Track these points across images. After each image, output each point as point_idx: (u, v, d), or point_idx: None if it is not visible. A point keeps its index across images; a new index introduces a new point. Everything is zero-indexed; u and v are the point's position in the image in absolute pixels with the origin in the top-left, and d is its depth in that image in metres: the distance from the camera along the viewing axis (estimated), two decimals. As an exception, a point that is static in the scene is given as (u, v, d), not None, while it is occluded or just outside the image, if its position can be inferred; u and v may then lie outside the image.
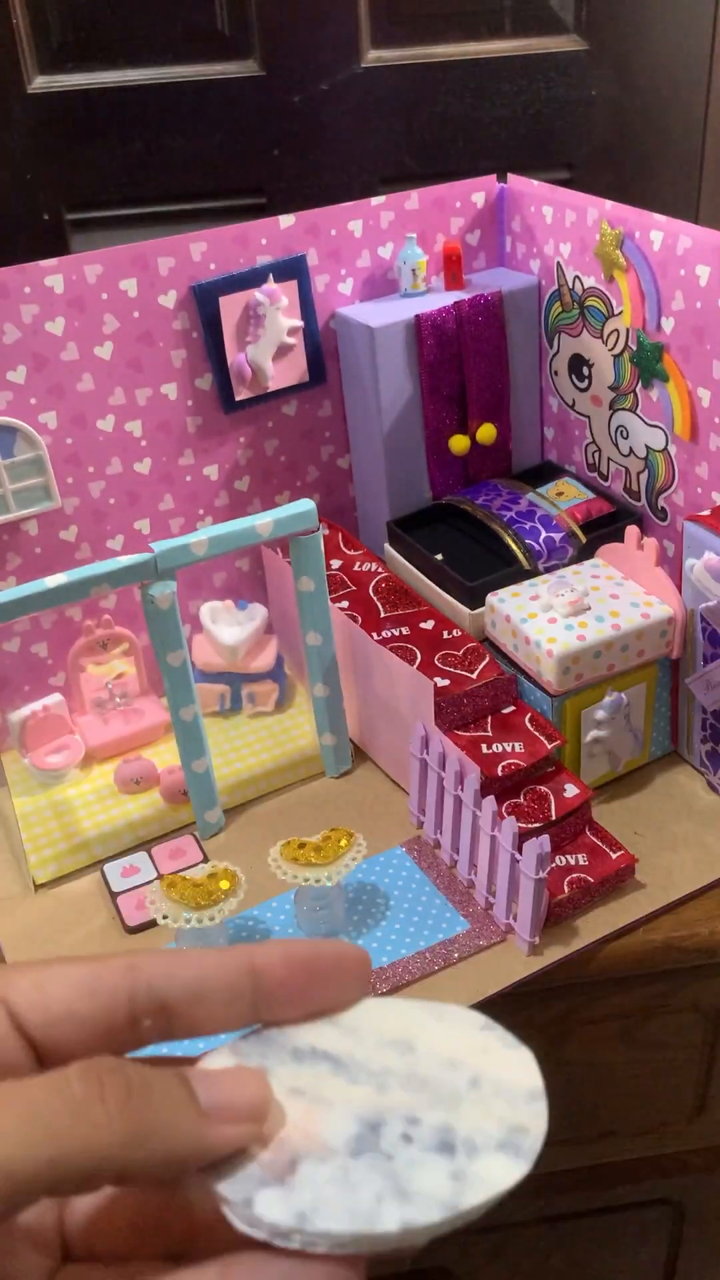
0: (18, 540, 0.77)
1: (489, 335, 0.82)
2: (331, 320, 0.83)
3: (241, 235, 0.77)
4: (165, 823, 0.75)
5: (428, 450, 0.85)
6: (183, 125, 1.12)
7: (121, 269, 0.73)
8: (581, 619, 0.70)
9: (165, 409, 0.79)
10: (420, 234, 0.83)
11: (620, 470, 0.81)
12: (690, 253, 0.68)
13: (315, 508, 0.70)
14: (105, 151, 1.12)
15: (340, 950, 0.29)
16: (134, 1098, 0.24)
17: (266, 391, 0.81)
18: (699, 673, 0.71)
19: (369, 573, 0.80)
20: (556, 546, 0.79)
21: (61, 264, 0.71)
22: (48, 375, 0.74)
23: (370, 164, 1.17)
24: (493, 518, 0.81)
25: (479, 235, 0.86)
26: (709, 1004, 0.71)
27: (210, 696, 0.83)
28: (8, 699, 0.81)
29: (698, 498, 0.73)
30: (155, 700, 0.83)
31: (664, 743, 0.77)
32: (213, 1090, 0.26)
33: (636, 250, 0.72)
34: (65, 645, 0.81)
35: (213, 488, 0.83)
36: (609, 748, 0.73)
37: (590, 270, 0.77)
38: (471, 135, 1.18)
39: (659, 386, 0.74)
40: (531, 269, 0.84)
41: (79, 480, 0.77)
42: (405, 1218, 0.24)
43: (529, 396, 0.87)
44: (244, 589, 0.88)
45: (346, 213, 0.80)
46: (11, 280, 0.70)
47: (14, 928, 0.69)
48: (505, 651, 0.74)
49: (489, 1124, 0.26)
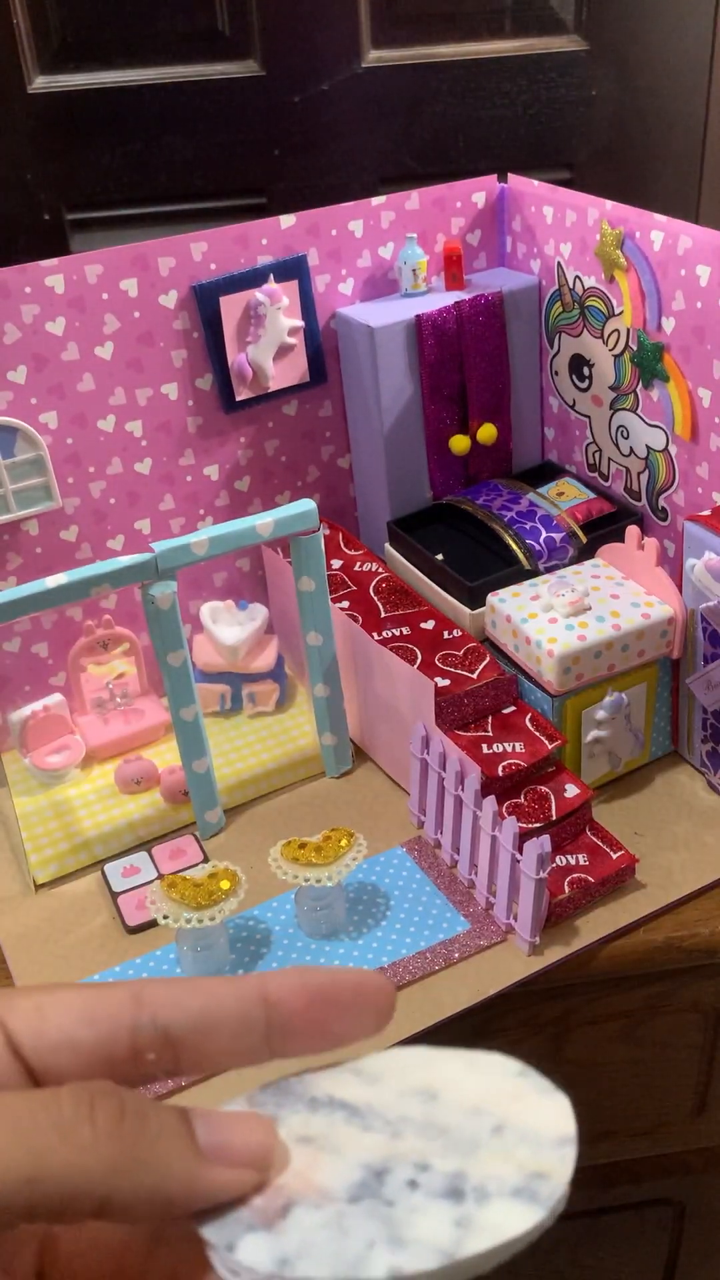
0: (18, 540, 0.77)
1: (489, 335, 0.82)
2: (332, 320, 0.83)
3: (242, 235, 0.77)
4: (166, 823, 0.75)
5: (428, 450, 0.85)
6: (183, 125, 1.12)
7: (122, 269, 0.73)
8: (582, 619, 0.70)
9: (166, 409, 0.79)
10: (421, 234, 0.83)
11: (621, 470, 0.81)
12: (691, 253, 0.68)
13: (316, 508, 0.70)
14: (106, 151, 1.12)
15: (361, 980, 0.27)
16: (126, 1124, 0.23)
17: (267, 391, 0.81)
18: (699, 673, 0.71)
19: (369, 573, 0.80)
20: (557, 546, 0.79)
21: (62, 264, 0.71)
22: (48, 375, 0.74)
23: (370, 164, 1.17)
24: (493, 518, 0.81)
25: (479, 235, 0.86)
26: (709, 1004, 0.71)
27: (211, 696, 0.83)
28: (8, 699, 0.81)
29: (698, 498, 0.73)
30: (156, 700, 0.83)
31: (664, 743, 0.77)
32: (213, 1130, 0.24)
33: (637, 250, 0.72)
34: (66, 645, 0.81)
35: (213, 488, 0.83)
36: (609, 748, 0.73)
37: (591, 270, 0.77)
38: (472, 135, 1.18)
39: (659, 386, 0.74)
40: (532, 269, 0.84)
41: (79, 480, 0.77)
42: (395, 1264, 0.23)
43: (529, 396, 0.87)
44: (244, 589, 0.88)
45: (347, 213, 0.80)
46: (12, 280, 0.70)
47: (14, 928, 0.69)
48: (506, 651, 0.74)
49: (507, 1170, 0.24)
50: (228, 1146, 0.24)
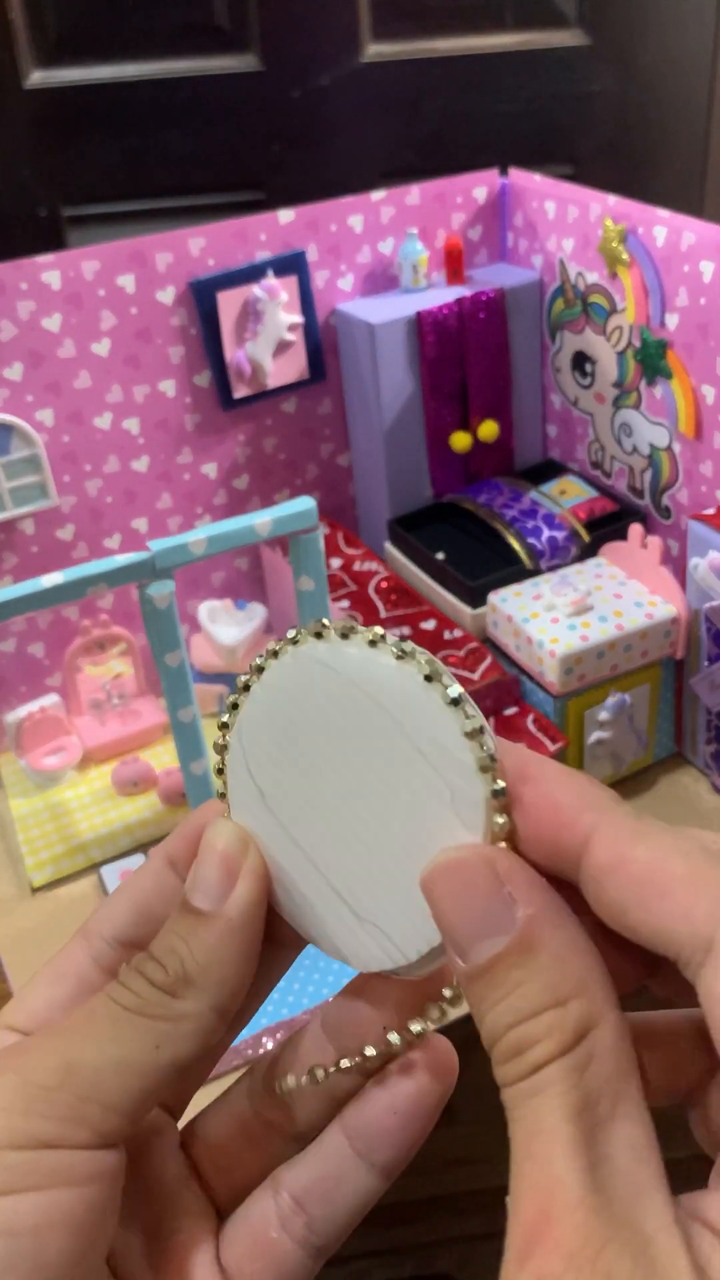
0: (14, 539, 0.76)
1: (491, 332, 0.81)
2: (331, 316, 0.82)
3: (240, 230, 0.76)
4: (163, 825, 0.74)
5: (429, 448, 0.84)
6: (181, 120, 1.11)
7: (119, 265, 0.73)
8: (584, 619, 0.69)
9: (163, 406, 0.78)
10: (421, 229, 0.82)
11: (624, 468, 0.80)
12: (694, 248, 0.67)
13: (315, 506, 0.69)
14: (103, 147, 1.11)
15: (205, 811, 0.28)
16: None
17: (266, 389, 0.80)
18: (703, 673, 0.70)
19: (369, 572, 0.80)
20: (559, 545, 0.78)
21: (58, 260, 0.71)
22: (44, 372, 0.73)
23: (371, 159, 1.16)
24: (495, 516, 0.80)
25: (481, 230, 0.85)
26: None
27: (209, 697, 0.82)
28: (4, 699, 0.80)
29: (702, 496, 0.73)
30: (153, 701, 0.82)
31: (668, 744, 0.76)
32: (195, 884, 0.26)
33: (640, 246, 0.71)
34: (62, 645, 0.81)
35: (211, 486, 0.83)
36: (612, 749, 0.72)
37: (593, 266, 0.76)
38: (473, 130, 1.17)
39: (663, 383, 0.73)
40: (534, 265, 0.83)
41: (76, 478, 0.77)
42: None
43: (531, 394, 0.86)
44: (243, 588, 0.87)
45: (347, 208, 0.79)
46: (8, 276, 0.69)
47: (10, 931, 0.68)
48: (507, 652, 0.73)
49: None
50: (207, 880, 0.26)
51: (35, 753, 0.78)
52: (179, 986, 0.25)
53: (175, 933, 0.26)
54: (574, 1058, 0.21)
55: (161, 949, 0.25)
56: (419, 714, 0.24)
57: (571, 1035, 0.21)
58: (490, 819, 0.24)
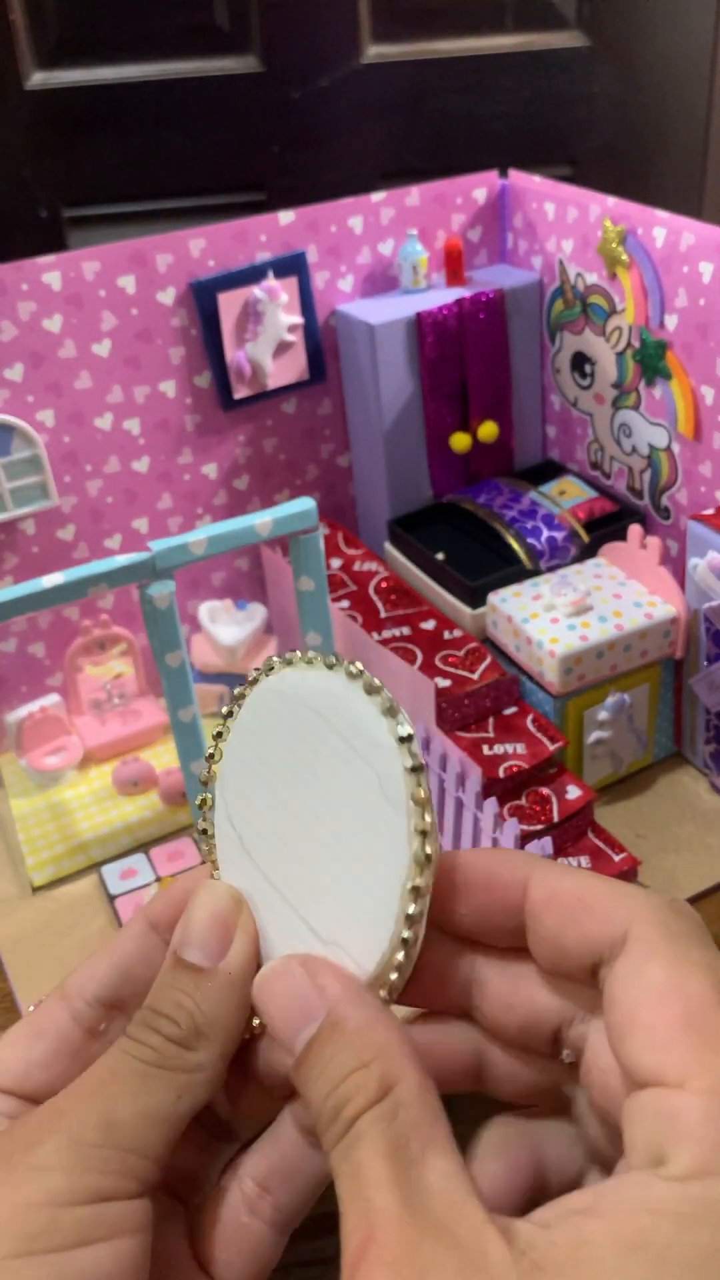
0: (14, 539, 0.76)
1: (490, 332, 0.82)
2: (331, 317, 0.82)
3: (241, 232, 0.76)
4: (164, 825, 0.74)
5: (429, 448, 0.84)
6: (182, 121, 1.12)
7: (120, 266, 0.73)
8: (584, 619, 0.69)
9: (164, 407, 0.78)
10: (421, 230, 0.82)
11: (623, 469, 0.80)
12: (693, 249, 0.67)
13: (315, 506, 0.69)
14: (103, 148, 1.12)
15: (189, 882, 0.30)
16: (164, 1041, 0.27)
17: (266, 389, 0.80)
18: (703, 673, 0.70)
19: (369, 572, 0.80)
20: (559, 546, 0.78)
21: (59, 260, 0.71)
22: (45, 373, 0.73)
23: (371, 160, 1.16)
24: (494, 517, 0.80)
25: (480, 231, 0.85)
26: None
27: (209, 697, 0.82)
28: (4, 699, 0.80)
29: (701, 496, 0.73)
30: (153, 701, 0.82)
31: (667, 744, 0.76)
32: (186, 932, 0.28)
33: (639, 247, 0.71)
34: (62, 645, 0.81)
35: (211, 486, 0.83)
36: (612, 749, 0.73)
37: (593, 267, 0.76)
38: (473, 131, 1.17)
39: (662, 384, 0.73)
40: (533, 265, 0.83)
41: (76, 479, 0.77)
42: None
43: (531, 394, 0.86)
44: (243, 589, 0.87)
45: (347, 209, 0.79)
46: (9, 277, 0.70)
47: (11, 931, 0.68)
48: (507, 652, 0.73)
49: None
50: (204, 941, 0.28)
51: (36, 752, 0.78)
52: (191, 1039, 0.26)
53: (178, 989, 0.27)
54: (382, 1108, 0.23)
55: (169, 1005, 0.27)
56: (345, 709, 0.26)
57: (376, 1088, 0.24)
58: (412, 792, 0.26)
